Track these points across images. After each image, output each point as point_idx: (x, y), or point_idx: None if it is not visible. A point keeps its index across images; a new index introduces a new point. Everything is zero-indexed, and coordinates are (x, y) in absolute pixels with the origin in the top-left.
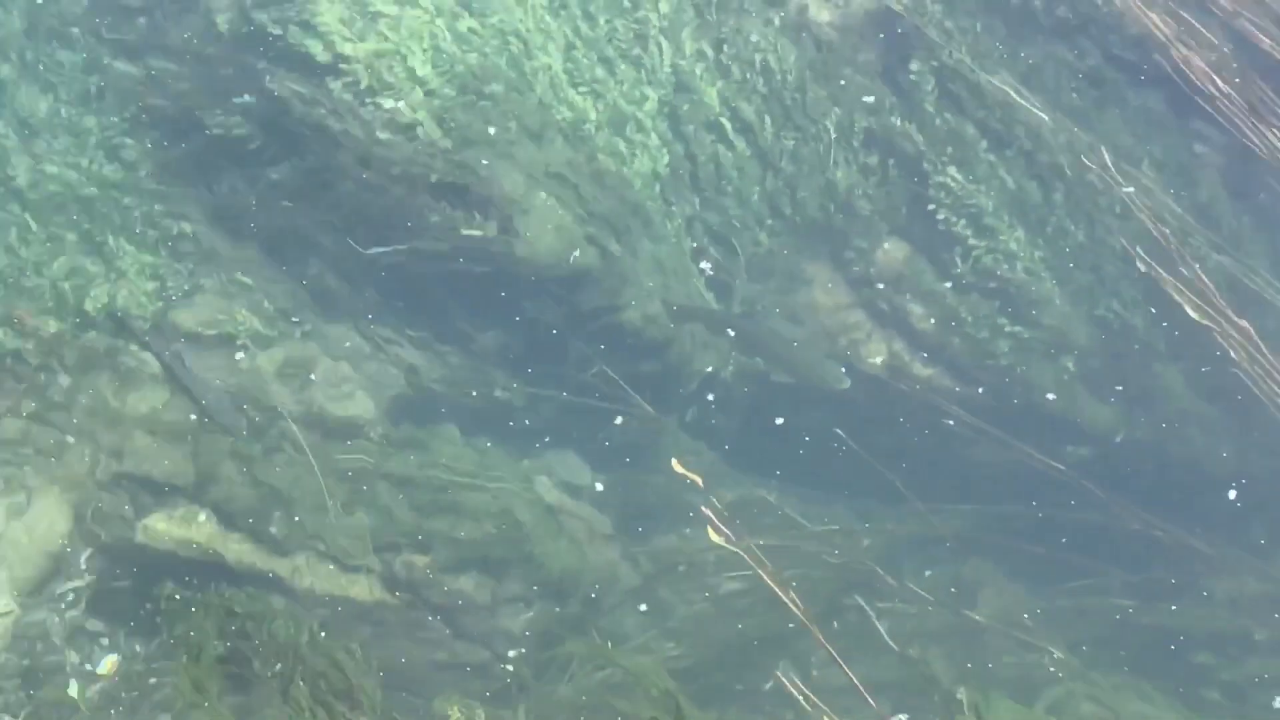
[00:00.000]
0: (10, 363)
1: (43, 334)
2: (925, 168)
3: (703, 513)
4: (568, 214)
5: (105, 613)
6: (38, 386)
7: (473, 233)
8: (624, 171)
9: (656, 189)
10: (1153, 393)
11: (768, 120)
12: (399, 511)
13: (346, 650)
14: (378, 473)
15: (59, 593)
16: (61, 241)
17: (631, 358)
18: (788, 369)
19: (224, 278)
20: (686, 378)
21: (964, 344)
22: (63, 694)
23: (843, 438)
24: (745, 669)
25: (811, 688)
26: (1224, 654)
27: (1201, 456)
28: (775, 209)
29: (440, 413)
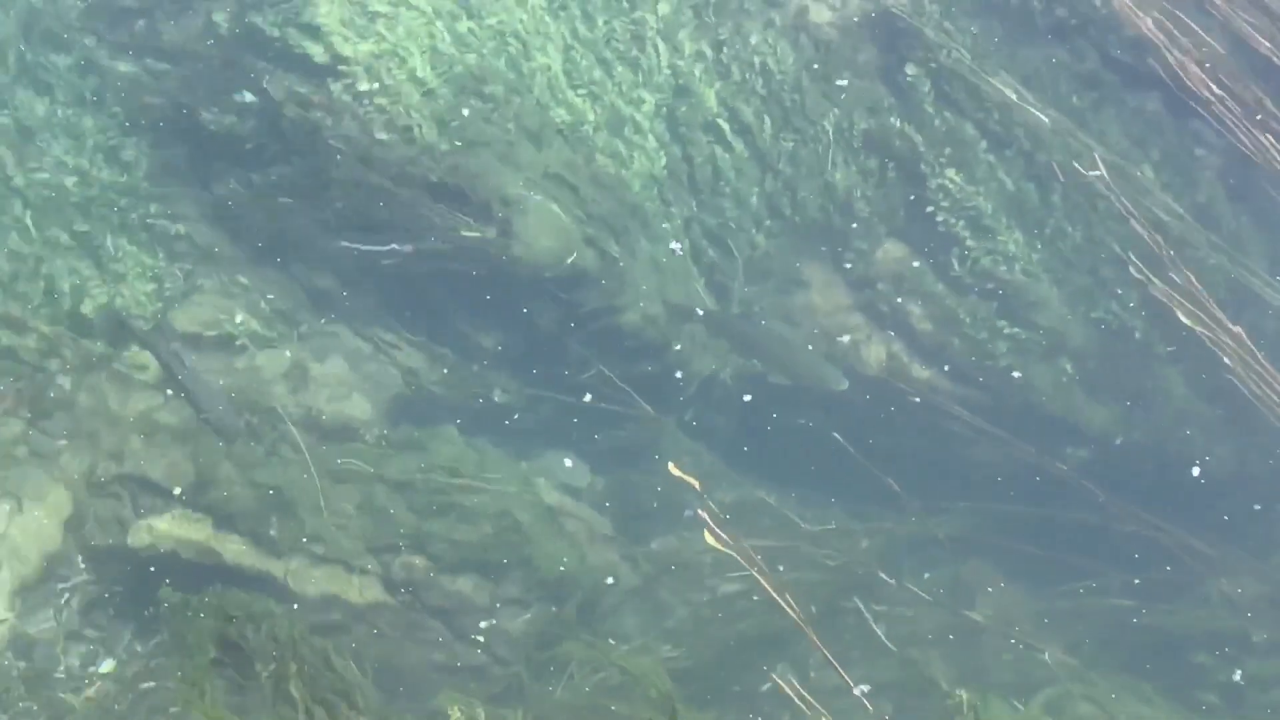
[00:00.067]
0: (9, 364)
1: (41, 333)
2: (924, 169)
3: (699, 517)
4: (566, 215)
5: (103, 613)
6: (36, 388)
7: (471, 234)
8: (622, 173)
9: (655, 190)
10: (1151, 394)
11: (766, 121)
12: (398, 513)
13: (344, 651)
14: (376, 474)
15: (57, 591)
16: (59, 243)
17: (630, 359)
18: (786, 371)
19: (222, 279)
20: (686, 379)
21: (963, 345)
22: (60, 695)
23: (841, 440)
24: (743, 670)
25: (809, 689)
26: (1223, 655)
27: (1200, 457)
28: (774, 210)
29: (439, 414)
